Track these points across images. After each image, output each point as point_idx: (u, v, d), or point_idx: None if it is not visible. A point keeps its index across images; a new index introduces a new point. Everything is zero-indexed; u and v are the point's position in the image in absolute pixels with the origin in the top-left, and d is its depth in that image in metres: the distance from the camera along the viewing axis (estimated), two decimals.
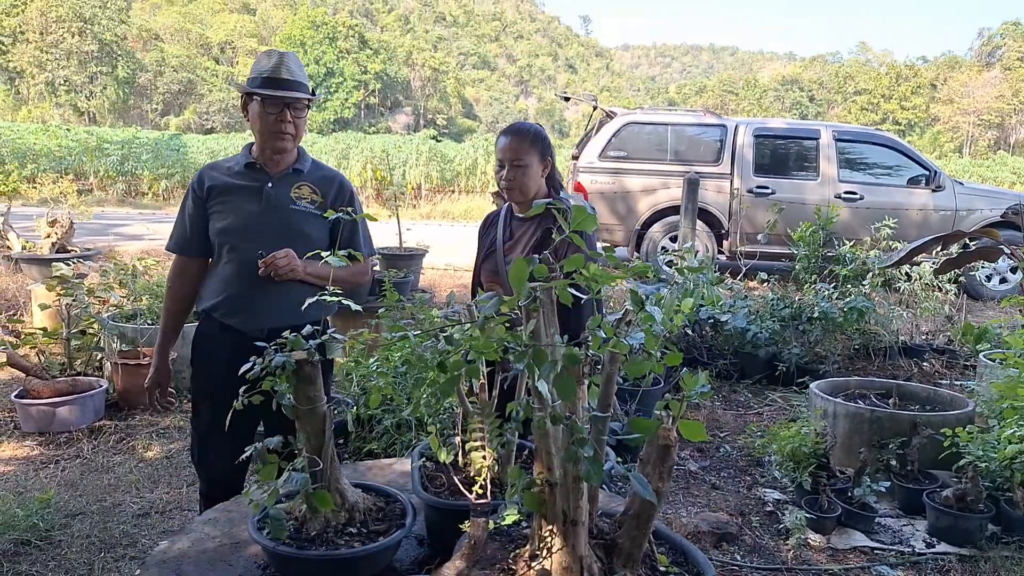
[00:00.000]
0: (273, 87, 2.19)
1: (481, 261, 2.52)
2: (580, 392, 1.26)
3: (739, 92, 73.36)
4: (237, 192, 2.27)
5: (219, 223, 2.25)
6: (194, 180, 2.32)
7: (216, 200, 2.26)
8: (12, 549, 2.76)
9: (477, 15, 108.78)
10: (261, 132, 2.24)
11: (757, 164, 8.62)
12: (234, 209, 2.25)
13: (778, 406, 4.92)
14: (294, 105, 2.22)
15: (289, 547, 1.52)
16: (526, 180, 2.38)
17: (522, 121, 2.61)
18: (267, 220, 2.24)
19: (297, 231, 2.26)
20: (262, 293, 2.22)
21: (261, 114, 2.21)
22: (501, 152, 2.39)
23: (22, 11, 47.26)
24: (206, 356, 2.33)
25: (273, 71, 2.20)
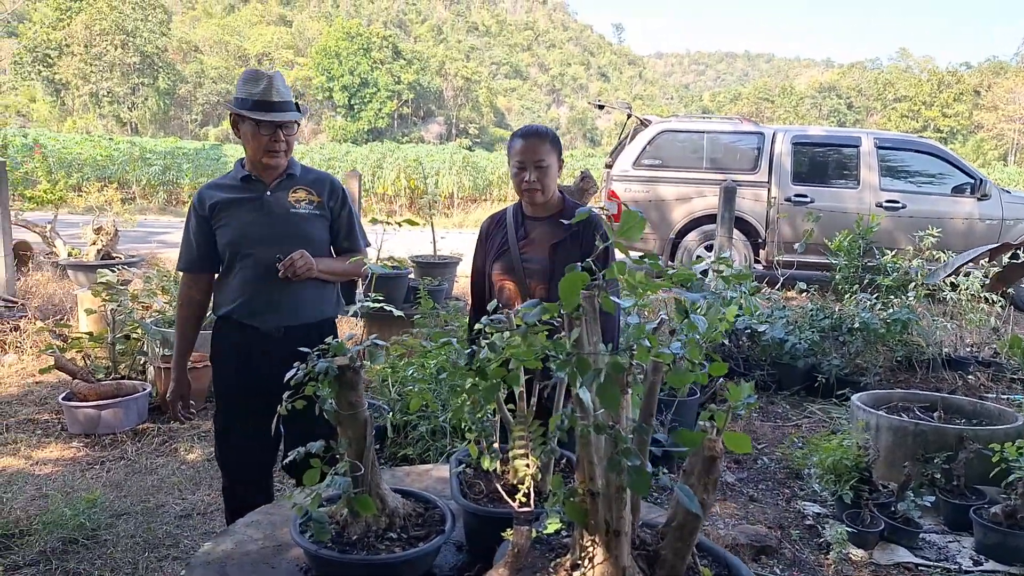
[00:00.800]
0: (265, 110, 2.30)
1: (493, 259, 2.51)
2: (623, 401, 1.25)
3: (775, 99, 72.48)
4: (238, 205, 2.38)
5: (226, 236, 2.37)
6: (194, 201, 2.43)
7: (220, 215, 2.38)
8: (60, 547, 2.83)
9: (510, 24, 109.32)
10: (255, 150, 2.35)
11: (795, 172, 8.50)
12: (239, 221, 2.37)
13: (817, 418, 4.83)
14: (286, 125, 2.35)
15: (331, 551, 1.53)
16: (548, 180, 2.42)
17: (533, 124, 2.63)
18: (271, 225, 2.38)
19: (300, 232, 2.40)
20: (278, 293, 2.37)
21: (254, 134, 2.32)
22: (521, 154, 2.41)
23: (67, 24, 48.72)
24: (224, 357, 2.47)
25: (264, 94, 2.30)
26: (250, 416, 2.37)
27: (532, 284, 2.44)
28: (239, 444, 2.46)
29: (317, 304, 2.45)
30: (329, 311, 2.52)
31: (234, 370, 2.44)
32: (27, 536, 2.89)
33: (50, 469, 3.59)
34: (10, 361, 5.16)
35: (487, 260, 2.53)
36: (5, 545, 2.84)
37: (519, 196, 2.51)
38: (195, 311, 2.49)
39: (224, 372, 2.48)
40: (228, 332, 2.44)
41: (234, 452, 2.48)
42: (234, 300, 2.38)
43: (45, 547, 2.82)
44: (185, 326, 2.50)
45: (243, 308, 2.38)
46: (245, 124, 2.32)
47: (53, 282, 7.12)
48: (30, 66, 49.25)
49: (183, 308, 2.50)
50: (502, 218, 2.56)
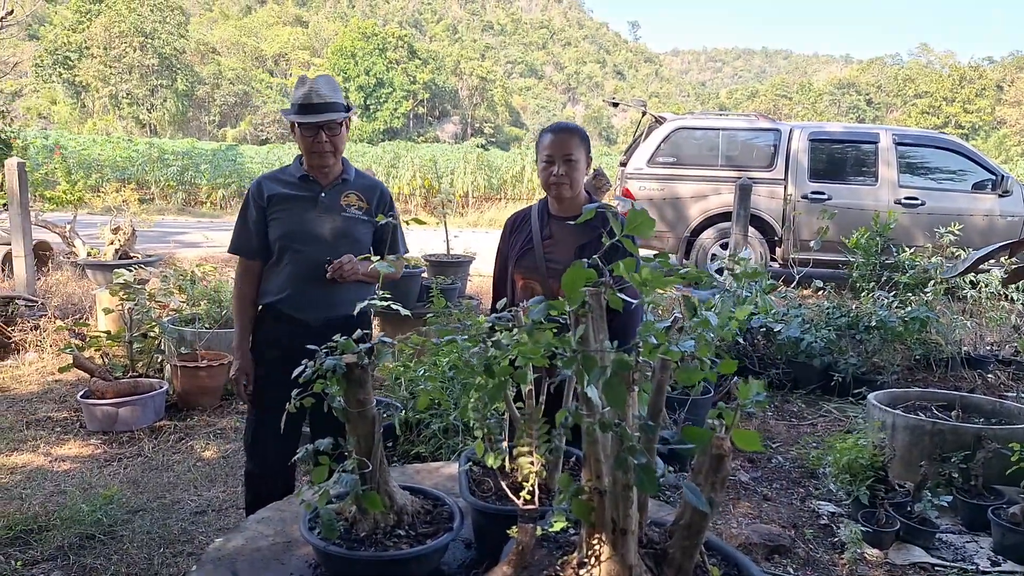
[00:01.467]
0: (306, 113, 2.43)
1: (517, 258, 2.50)
2: (630, 399, 1.25)
3: (793, 96, 71.89)
4: (295, 201, 2.51)
5: (280, 229, 2.49)
6: (253, 189, 2.55)
7: (276, 208, 2.50)
8: (77, 543, 2.87)
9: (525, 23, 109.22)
10: (305, 151, 2.50)
11: (812, 169, 8.43)
12: (293, 216, 2.50)
13: (833, 417, 4.78)
14: (328, 126, 2.45)
15: (339, 547, 1.54)
16: (576, 176, 2.41)
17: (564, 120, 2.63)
18: (323, 225, 2.50)
19: (349, 235, 2.53)
20: (323, 289, 2.48)
21: (300, 136, 2.47)
22: (551, 148, 2.40)
23: (87, 27, 49.30)
24: (267, 346, 2.56)
25: (305, 98, 2.44)
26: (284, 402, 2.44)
27: (556, 285, 2.41)
28: (269, 435, 2.52)
29: (357, 300, 2.51)
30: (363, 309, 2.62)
31: (275, 359, 2.51)
32: (45, 531, 2.93)
33: (68, 466, 3.64)
34: (30, 359, 5.23)
35: (510, 258, 2.51)
36: (24, 540, 2.88)
37: (546, 191, 2.49)
38: (252, 294, 2.59)
39: (265, 360, 2.56)
40: (272, 322, 2.55)
41: (261, 444, 2.57)
42: (280, 292, 2.51)
43: (63, 542, 2.86)
44: (244, 308, 2.59)
45: (288, 301, 2.50)
46: (294, 128, 2.48)
47: (73, 281, 7.21)
48: (51, 68, 49.89)
49: (240, 291, 2.60)
50: (527, 216, 2.54)
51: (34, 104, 50.61)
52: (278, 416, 2.43)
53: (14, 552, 2.80)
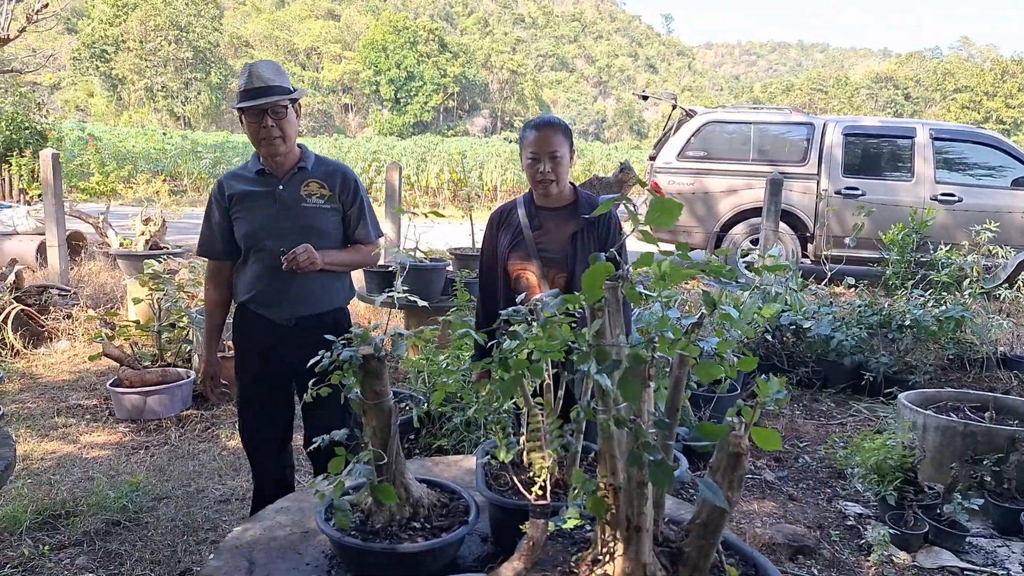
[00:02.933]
0: (248, 98, 2.33)
1: (508, 250, 2.51)
2: (646, 395, 1.22)
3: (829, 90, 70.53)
4: (253, 198, 2.44)
5: (242, 228, 2.44)
6: (215, 190, 2.50)
7: (237, 207, 2.44)
8: (104, 528, 2.92)
9: (556, 16, 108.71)
10: (253, 141, 2.40)
11: (847, 164, 8.26)
12: (253, 214, 2.43)
13: (863, 417, 4.69)
14: (272, 109, 2.34)
15: (354, 539, 1.53)
16: (561, 171, 2.43)
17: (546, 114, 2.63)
18: (283, 219, 2.43)
19: (311, 226, 2.45)
20: (288, 286, 2.44)
21: (248, 125, 2.37)
22: (535, 145, 2.41)
23: (124, 20, 50.12)
24: (243, 342, 2.57)
25: (247, 83, 2.34)
26: (265, 399, 2.55)
27: (552, 274, 2.44)
28: (255, 424, 2.60)
29: (327, 294, 2.52)
30: (339, 300, 2.59)
31: (251, 357, 2.53)
32: (73, 517, 2.99)
33: (97, 453, 3.71)
34: (62, 348, 5.34)
35: (500, 252, 2.52)
36: (52, 525, 2.94)
37: (533, 188, 2.51)
38: (219, 296, 2.57)
39: (242, 358, 2.58)
40: (245, 320, 2.54)
41: (249, 432, 2.62)
42: (249, 290, 2.47)
43: (89, 528, 2.91)
44: (211, 310, 2.60)
45: (257, 299, 2.47)
46: (244, 118, 2.38)
47: (105, 271, 7.35)
48: (88, 62, 50.84)
49: (208, 293, 2.59)
50: (511, 210, 2.55)
51: (72, 97, 51.68)
52: (260, 409, 2.55)
53: (42, 536, 2.85)
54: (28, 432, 3.92)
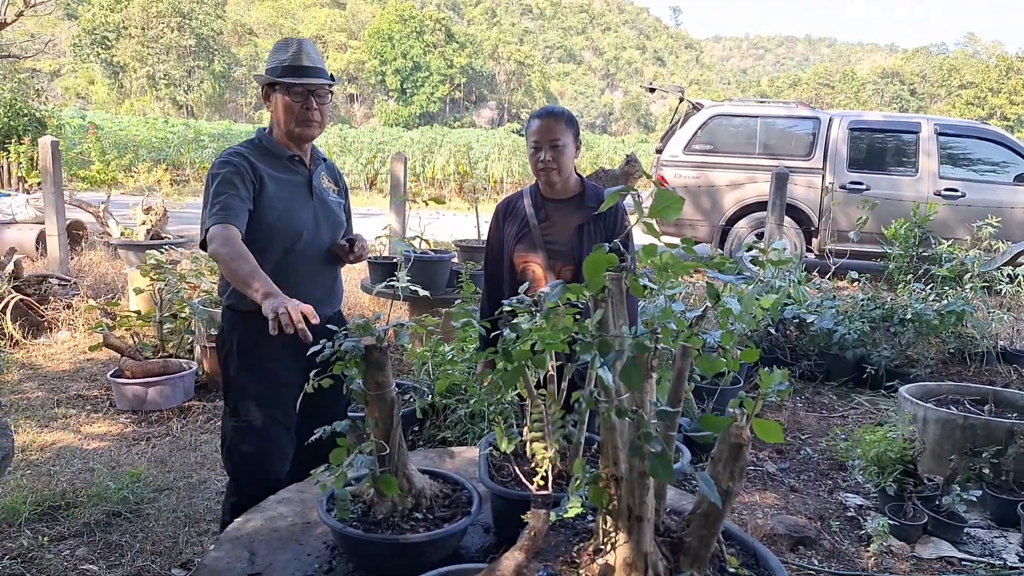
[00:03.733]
0: (296, 75, 2.19)
1: (515, 242, 2.50)
2: (648, 386, 1.22)
3: (835, 85, 70.26)
4: (287, 187, 2.24)
5: (273, 217, 2.17)
6: (239, 162, 2.15)
7: (270, 193, 2.19)
8: (104, 520, 2.92)
9: (564, 7, 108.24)
10: (287, 121, 2.22)
11: (852, 159, 8.25)
12: (291, 205, 2.22)
13: (864, 410, 4.70)
14: (317, 92, 2.23)
15: (356, 529, 1.53)
16: (564, 160, 2.41)
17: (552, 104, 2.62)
18: (317, 213, 2.29)
19: (337, 220, 2.36)
20: (318, 282, 2.31)
21: (287, 104, 2.20)
22: (538, 134, 2.41)
23: (125, 7, 49.80)
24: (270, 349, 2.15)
25: (294, 59, 2.20)
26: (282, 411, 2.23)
27: (558, 266, 2.44)
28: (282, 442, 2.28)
29: (342, 291, 2.49)
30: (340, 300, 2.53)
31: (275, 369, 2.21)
32: (73, 508, 2.99)
33: (98, 444, 3.71)
34: (63, 338, 5.34)
35: (506, 243, 2.52)
36: (52, 516, 2.94)
37: (536, 177, 2.50)
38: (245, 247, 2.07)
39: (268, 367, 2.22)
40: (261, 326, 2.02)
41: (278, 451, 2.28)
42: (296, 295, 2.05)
43: (89, 519, 2.91)
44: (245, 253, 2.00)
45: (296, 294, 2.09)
46: (276, 93, 2.22)
47: (106, 261, 7.34)
48: (89, 48, 50.51)
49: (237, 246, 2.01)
50: (518, 201, 2.55)
51: (72, 84, 51.46)
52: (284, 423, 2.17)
53: (42, 528, 2.86)
54: (28, 423, 3.92)
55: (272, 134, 2.29)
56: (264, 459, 2.22)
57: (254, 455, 2.23)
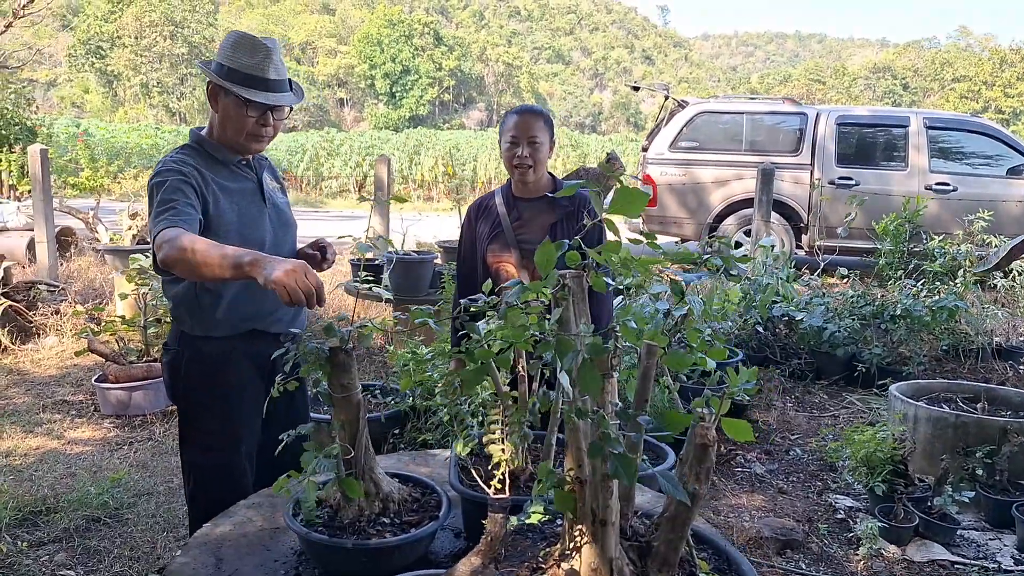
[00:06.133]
0: (260, 88, 1.93)
1: (488, 243, 2.49)
2: (609, 385, 1.19)
3: (827, 81, 70.42)
4: (240, 196, 2.02)
5: (235, 231, 1.96)
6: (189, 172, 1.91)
7: (224, 205, 1.97)
8: (84, 525, 2.89)
9: (552, 9, 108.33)
10: (235, 132, 1.98)
11: (840, 154, 8.23)
12: (247, 213, 2.02)
13: (856, 409, 4.67)
14: (278, 109, 2.00)
15: (321, 535, 1.51)
16: (540, 156, 2.41)
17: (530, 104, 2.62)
18: (272, 218, 2.09)
19: (291, 222, 2.17)
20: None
21: (240, 116, 1.95)
22: (515, 129, 2.40)
23: (119, 17, 49.93)
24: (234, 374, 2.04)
25: (259, 68, 1.93)
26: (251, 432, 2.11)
27: (531, 265, 2.42)
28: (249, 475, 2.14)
29: None
30: None
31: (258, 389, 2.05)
32: (53, 513, 2.96)
33: (81, 448, 3.68)
34: (50, 344, 5.31)
35: (479, 242, 2.50)
36: (32, 522, 2.92)
37: (510, 173, 2.49)
38: None
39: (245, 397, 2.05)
40: (245, 348, 2.01)
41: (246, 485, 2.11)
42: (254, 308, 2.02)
43: (69, 524, 2.88)
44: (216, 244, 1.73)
45: (265, 318, 2.05)
46: (228, 98, 1.94)
47: (95, 267, 7.30)
48: (84, 58, 50.68)
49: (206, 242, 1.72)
50: (490, 201, 2.53)
51: (68, 94, 51.50)
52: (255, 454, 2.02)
53: (21, 533, 2.83)
54: (13, 428, 3.89)
55: (213, 136, 2.03)
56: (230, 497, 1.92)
57: (218, 496, 1.95)
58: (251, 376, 2.08)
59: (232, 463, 2.09)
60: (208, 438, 2.07)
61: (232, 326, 2.02)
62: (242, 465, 2.11)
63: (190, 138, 2.05)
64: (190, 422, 2.10)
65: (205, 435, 2.07)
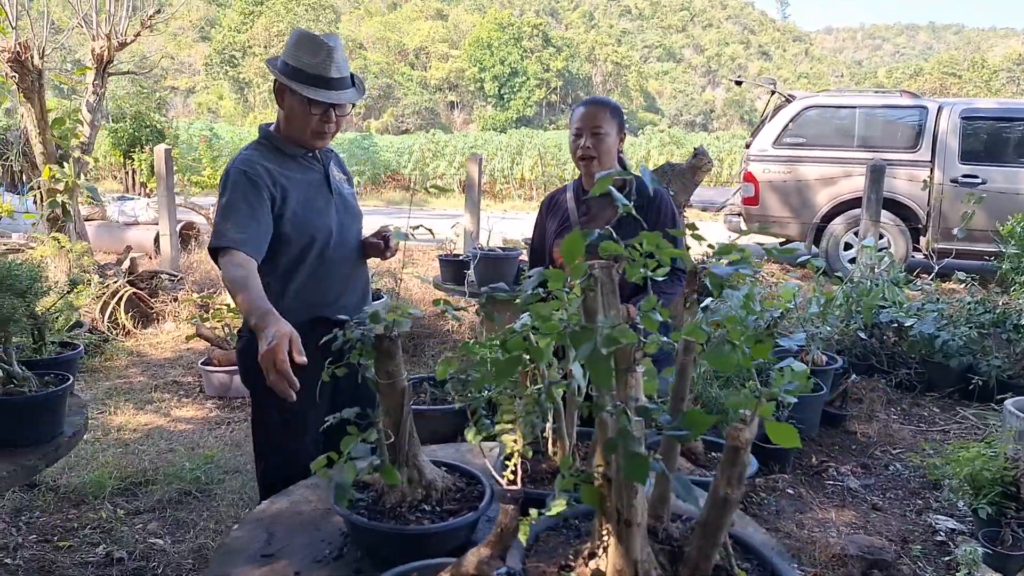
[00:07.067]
0: (320, 87, 1.98)
1: (555, 238, 2.46)
2: (632, 380, 1.14)
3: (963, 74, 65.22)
4: (308, 188, 2.09)
5: (305, 223, 2.04)
6: (259, 173, 1.99)
7: (294, 199, 2.04)
8: (176, 497, 3.10)
9: (664, 6, 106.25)
10: (300, 130, 2.05)
11: (964, 150, 7.60)
12: (315, 205, 2.09)
13: (969, 425, 4.31)
14: (341, 106, 2.05)
15: (362, 517, 1.54)
16: (604, 148, 2.35)
17: (598, 95, 2.56)
18: (339, 208, 2.15)
19: (357, 211, 2.23)
20: (351, 283, 2.20)
21: (304, 114, 2.01)
22: (580, 121, 2.36)
23: (250, 27, 53.31)
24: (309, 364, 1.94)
25: (321, 68, 1.98)
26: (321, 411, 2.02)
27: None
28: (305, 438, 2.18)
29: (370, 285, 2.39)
30: None
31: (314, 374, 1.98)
32: (151, 485, 3.20)
33: (183, 427, 3.95)
34: (168, 329, 5.73)
35: (547, 239, 2.48)
36: (132, 492, 3.16)
37: (576, 165, 2.45)
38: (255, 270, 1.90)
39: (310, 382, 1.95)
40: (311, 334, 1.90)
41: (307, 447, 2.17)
42: (321, 296, 2.11)
43: (163, 496, 3.10)
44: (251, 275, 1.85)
45: (332, 303, 2.12)
46: (293, 97, 2.01)
47: (208, 261, 7.81)
48: (218, 67, 54.46)
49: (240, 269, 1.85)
50: (561, 196, 2.50)
51: (204, 100, 55.42)
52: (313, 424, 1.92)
53: (121, 502, 3.07)
54: (127, 405, 4.22)
55: (280, 132, 2.11)
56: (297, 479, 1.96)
57: (286, 476, 2.00)
58: (317, 362, 2.12)
59: (298, 447, 2.16)
60: (275, 423, 2.15)
61: (298, 313, 2.04)
62: (307, 449, 2.17)
63: (260, 133, 2.15)
64: (259, 407, 2.20)
65: (273, 420, 2.16)
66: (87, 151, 5.87)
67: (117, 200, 8.83)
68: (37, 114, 5.29)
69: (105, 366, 4.90)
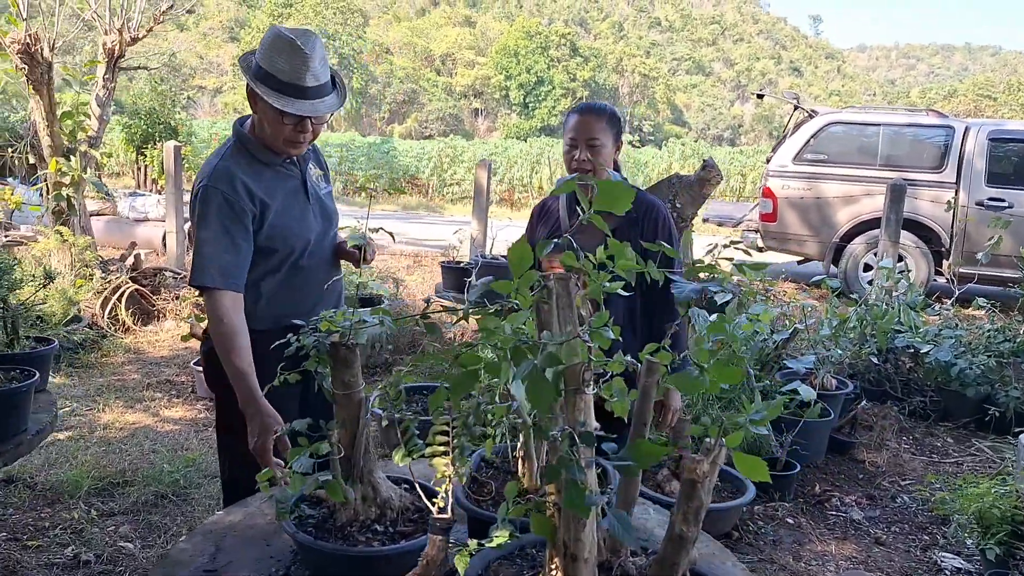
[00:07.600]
0: (293, 96, 1.85)
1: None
2: (581, 403, 1.04)
3: (999, 96, 64.21)
4: (286, 196, 2.00)
5: (283, 234, 1.98)
6: (234, 197, 1.89)
7: (272, 212, 1.95)
8: (152, 500, 3.03)
9: (695, 19, 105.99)
10: (271, 136, 1.93)
11: (991, 172, 7.38)
12: (292, 213, 2.00)
13: (984, 458, 4.14)
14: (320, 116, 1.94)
15: (309, 535, 1.45)
16: (600, 160, 2.20)
17: (595, 100, 2.41)
18: (316, 213, 2.06)
19: (332, 213, 2.13)
20: (326, 292, 2.12)
21: (275, 121, 1.89)
22: (573, 130, 2.23)
23: None
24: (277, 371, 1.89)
25: (295, 76, 1.84)
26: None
27: None
28: None
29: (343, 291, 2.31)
30: None
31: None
32: (128, 486, 3.13)
33: (170, 427, 3.88)
34: (168, 327, 5.69)
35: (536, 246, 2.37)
36: (108, 492, 3.09)
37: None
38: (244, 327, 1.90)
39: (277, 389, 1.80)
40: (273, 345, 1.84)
41: None
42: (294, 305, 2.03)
43: (139, 499, 3.03)
44: (244, 347, 1.87)
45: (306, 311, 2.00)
46: (265, 103, 1.87)
47: None
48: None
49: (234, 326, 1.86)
50: (554, 203, 2.39)
51: (231, 100, 56.08)
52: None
53: (96, 502, 3.00)
54: (117, 402, 4.17)
55: (255, 134, 1.99)
56: None
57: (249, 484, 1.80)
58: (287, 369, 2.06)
59: None
60: (239, 428, 2.07)
61: (271, 320, 2.01)
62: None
63: (233, 132, 2.03)
64: (225, 411, 2.11)
65: (236, 425, 2.05)
66: (95, 145, 5.86)
67: (128, 196, 8.86)
68: (45, 106, 5.29)
69: (101, 362, 4.87)
